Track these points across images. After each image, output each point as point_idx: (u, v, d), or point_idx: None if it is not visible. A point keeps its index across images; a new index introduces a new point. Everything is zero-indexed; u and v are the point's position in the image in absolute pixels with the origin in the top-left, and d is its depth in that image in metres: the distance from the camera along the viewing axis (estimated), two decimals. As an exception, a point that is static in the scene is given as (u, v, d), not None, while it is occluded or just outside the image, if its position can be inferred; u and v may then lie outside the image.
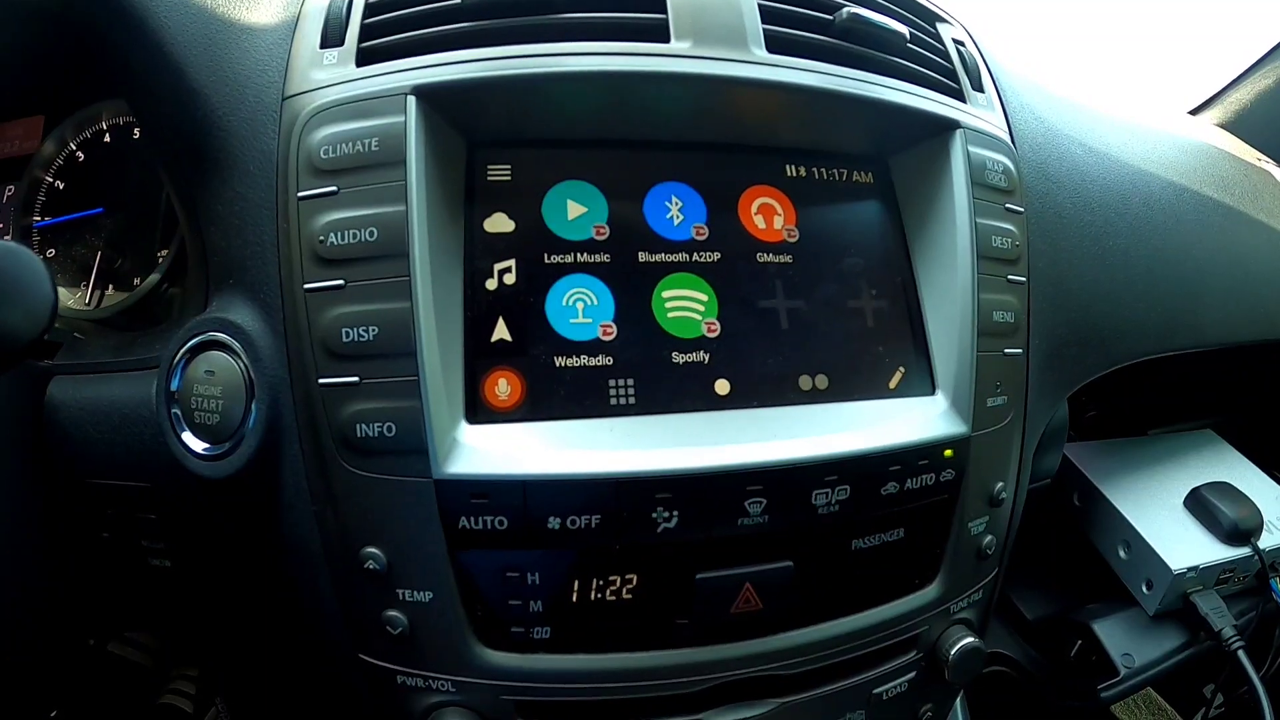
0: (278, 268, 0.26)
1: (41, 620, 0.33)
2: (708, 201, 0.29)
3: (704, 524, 0.25)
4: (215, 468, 0.26)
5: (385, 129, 0.25)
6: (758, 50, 0.29)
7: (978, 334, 0.30)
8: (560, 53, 0.27)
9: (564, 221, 0.27)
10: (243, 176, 0.27)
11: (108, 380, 0.30)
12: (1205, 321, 0.44)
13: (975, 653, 0.31)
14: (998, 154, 0.33)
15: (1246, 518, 0.43)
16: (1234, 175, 0.50)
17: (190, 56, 0.28)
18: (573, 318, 0.27)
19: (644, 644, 0.26)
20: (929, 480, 0.29)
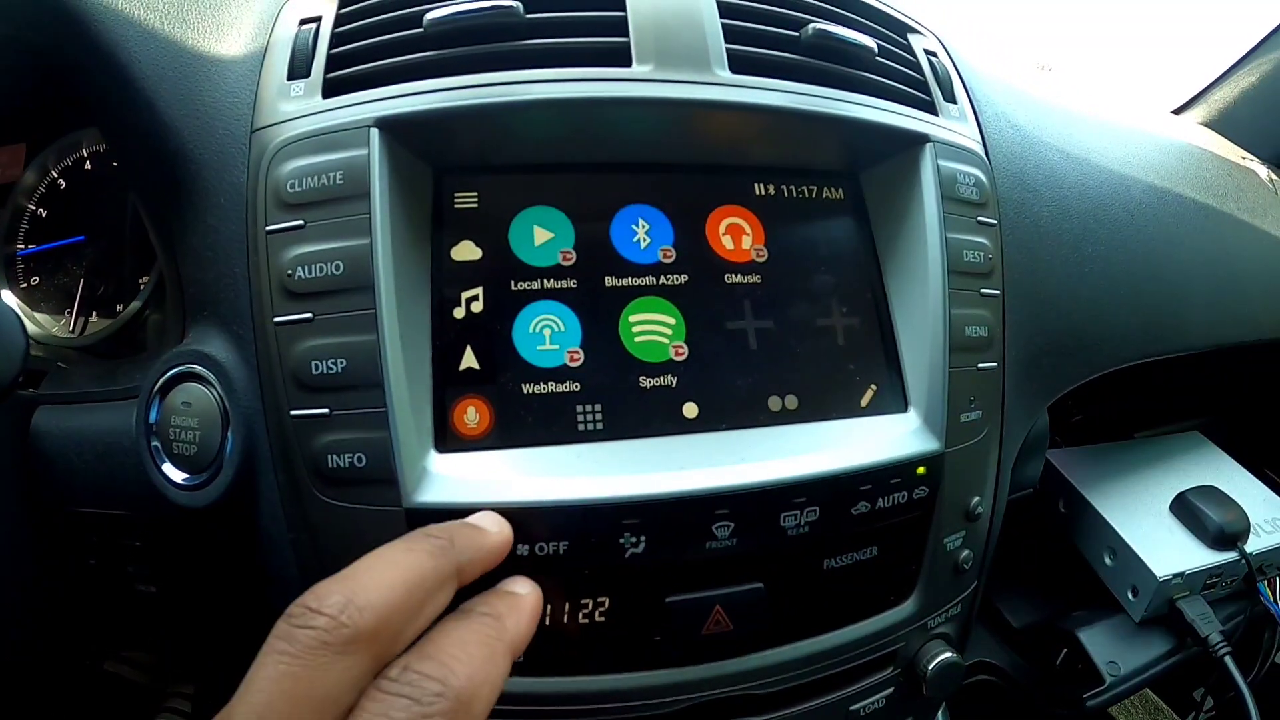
0: (249, 300, 0.26)
1: (35, 641, 0.34)
2: (675, 223, 0.29)
3: (672, 548, 0.25)
4: (194, 497, 0.26)
5: (349, 162, 0.25)
6: (721, 71, 0.29)
7: (950, 349, 0.30)
8: (523, 80, 0.27)
9: (530, 248, 0.28)
10: (214, 209, 0.27)
11: (91, 410, 0.30)
12: (1190, 324, 0.44)
13: (954, 667, 0.31)
14: (969, 166, 0.33)
15: (1233, 522, 0.43)
16: (1217, 175, 0.49)
17: (161, 89, 0.28)
18: (540, 345, 0.27)
19: (617, 666, 0.27)
20: (901, 498, 0.29)
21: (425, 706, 0.16)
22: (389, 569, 0.18)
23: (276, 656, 0.16)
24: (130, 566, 0.32)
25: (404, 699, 0.16)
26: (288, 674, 0.15)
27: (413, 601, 0.18)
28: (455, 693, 0.16)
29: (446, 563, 0.19)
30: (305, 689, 0.15)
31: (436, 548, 0.19)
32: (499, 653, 0.18)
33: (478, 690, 0.17)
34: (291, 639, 0.16)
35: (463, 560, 0.20)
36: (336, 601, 0.16)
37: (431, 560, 0.19)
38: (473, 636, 0.18)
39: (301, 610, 0.17)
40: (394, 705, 0.16)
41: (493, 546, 0.21)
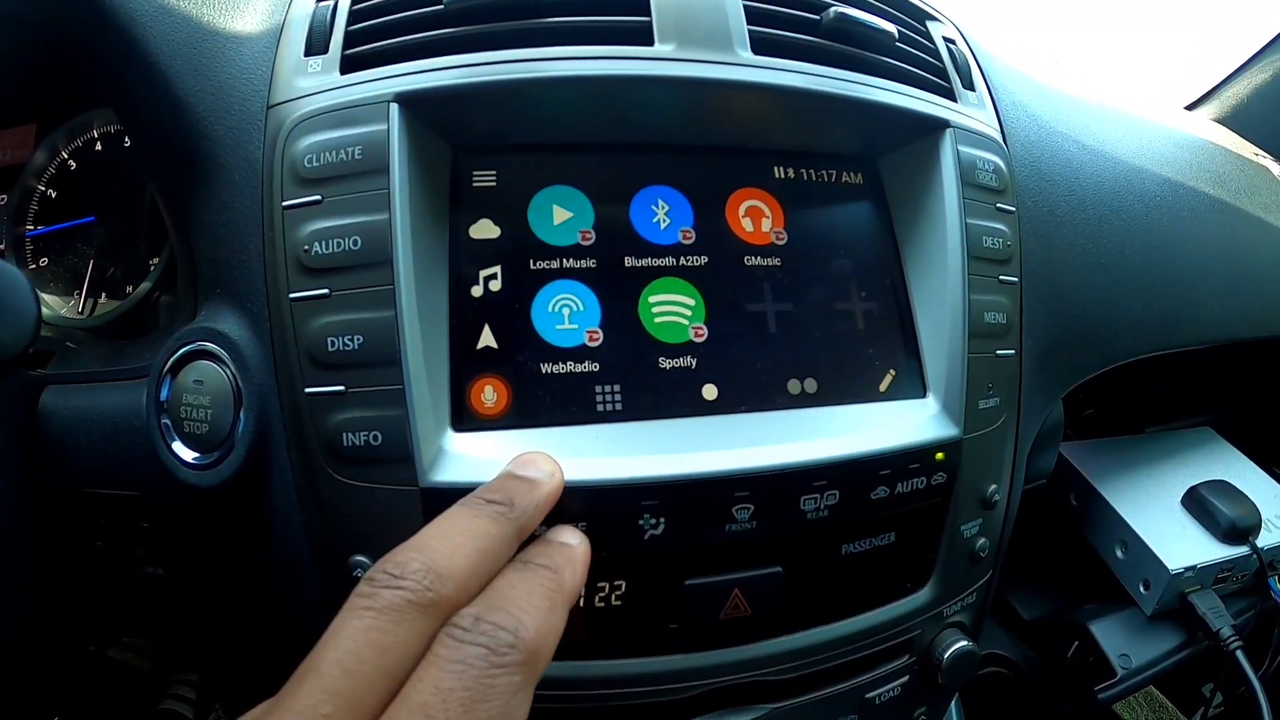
0: (264, 277, 0.26)
1: (40, 626, 0.33)
2: (695, 205, 0.29)
3: (691, 531, 0.25)
4: (205, 477, 0.26)
5: (368, 137, 0.25)
6: (743, 52, 0.28)
7: (969, 335, 0.30)
8: (543, 57, 0.27)
9: (550, 227, 0.27)
10: (229, 185, 0.27)
11: (100, 389, 0.30)
12: (1202, 318, 0.44)
13: (969, 656, 0.31)
14: (988, 153, 0.33)
15: (1244, 516, 0.43)
16: (1231, 171, 0.49)
17: (175, 65, 0.28)
18: (559, 324, 0.26)
19: (634, 650, 0.26)
20: (920, 484, 0.28)
21: (500, 656, 0.16)
22: (461, 537, 0.19)
23: (361, 612, 0.17)
24: (137, 548, 0.32)
25: (479, 648, 0.16)
26: (373, 626, 0.16)
27: (484, 566, 0.19)
28: (525, 644, 0.17)
29: (511, 527, 0.20)
30: (389, 640, 0.16)
31: (499, 513, 0.20)
32: (559, 604, 0.19)
33: (544, 641, 0.18)
34: (376, 598, 0.17)
35: (523, 520, 0.21)
36: (418, 569, 0.17)
37: (498, 527, 0.20)
38: (537, 589, 0.19)
39: (385, 575, 0.17)
40: (470, 653, 0.16)
41: (548, 498, 0.22)
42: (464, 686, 0.16)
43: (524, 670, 0.17)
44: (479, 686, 0.16)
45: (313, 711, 0.15)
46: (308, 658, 0.16)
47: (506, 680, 0.16)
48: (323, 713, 0.15)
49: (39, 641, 0.34)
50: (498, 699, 0.16)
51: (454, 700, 0.15)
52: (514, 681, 0.16)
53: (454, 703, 0.15)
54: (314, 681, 0.15)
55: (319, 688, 0.15)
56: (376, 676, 0.16)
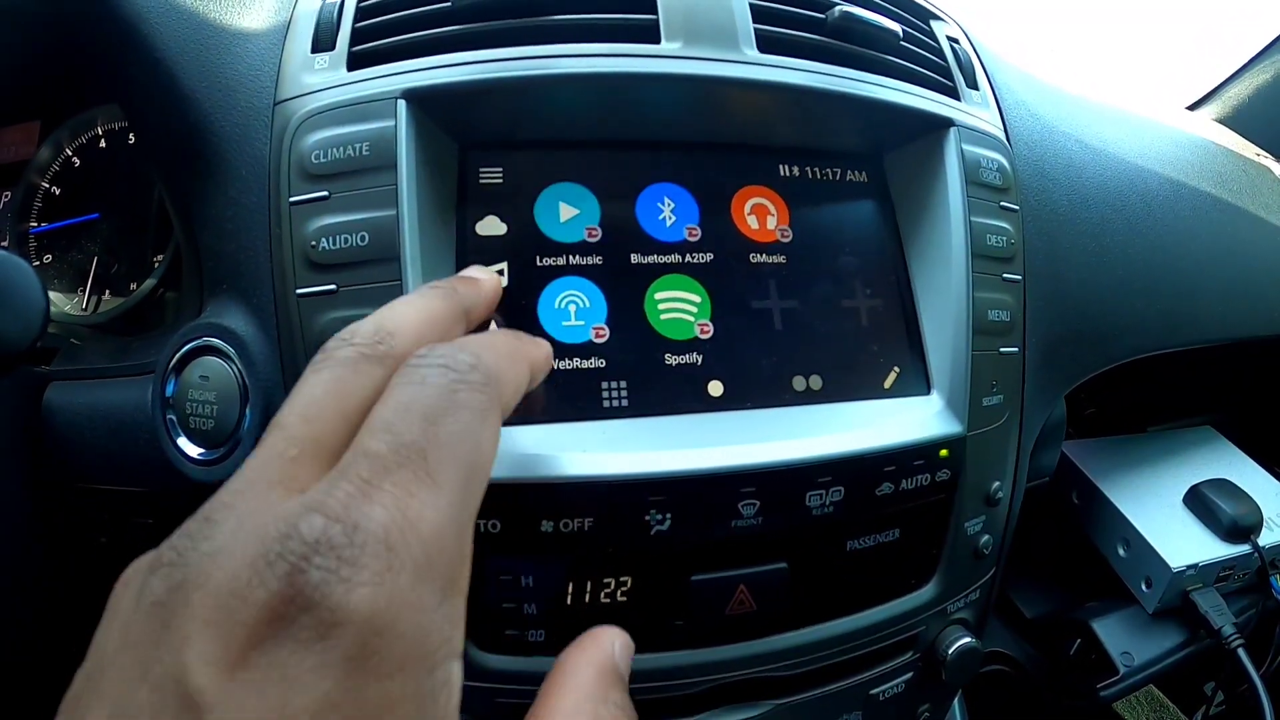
0: (270, 273, 0.26)
1: (41, 625, 0.33)
2: (700, 202, 0.29)
3: (697, 526, 0.25)
4: (210, 472, 0.26)
5: (376, 133, 0.25)
6: (749, 50, 0.29)
7: (973, 333, 0.30)
8: (551, 54, 0.27)
9: (556, 224, 0.27)
10: (235, 181, 0.27)
11: (104, 385, 0.30)
12: (1204, 317, 0.44)
13: (972, 653, 0.31)
14: (992, 151, 0.33)
15: (1246, 515, 0.43)
16: (1232, 171, 0.50)
17: (182, 62, 0.28)
18: (565, 320, 0.27)
19: (640, 646, 0.26)
20: (924, 480, 0.29)
21: (460, 374, 0.16)
22: (407, 307, 0.19)
23: (318, 368, 0.16)
24: (141, 545, 0.32)
25: (438, 368, 0.16)
26: (330, 378, 0.16)
27: (433, 331, 0.18)
28: (486, 367, 0.16)
29: (455, 304, 0.20)
30: (347, 387, 0.16)
31: (443, 293, 0.20)
32: (520, 356, 0.19)
33: (506, 373, 0.17)
34: (330, 357, 0.17)
35: (467, 304, 0.21)
36: (368, 329, 0.17)
37: (442, 302, 0.20)
38: (495, 336, 0.19)
39: (337, 340, 0.17)
40: (430, 374, 0.15)
41: (489, 293, 0.22)
42: (424, 400, 0.15)
43: (486, 391, 0.16)
44: (440, 400, 0.15)
45: (278, 458, 0.14)
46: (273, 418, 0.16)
47: (469, 395, 0.15)
48: (289, 456, 0.14)
49: (40, 640, 0.34)
50: (462, 413, 0.15)
51: (415, 412, 0.14)
52: (477, 399, 0.15)
53: (415, 414, 0.14)
54: (276, 433, 0.15)
55: (281, 436, 0.15)
56: (336, 420, 0.15)
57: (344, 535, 0.12)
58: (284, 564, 0.12)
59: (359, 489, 0.13)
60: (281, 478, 0.14)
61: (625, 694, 0.17)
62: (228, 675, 0.11)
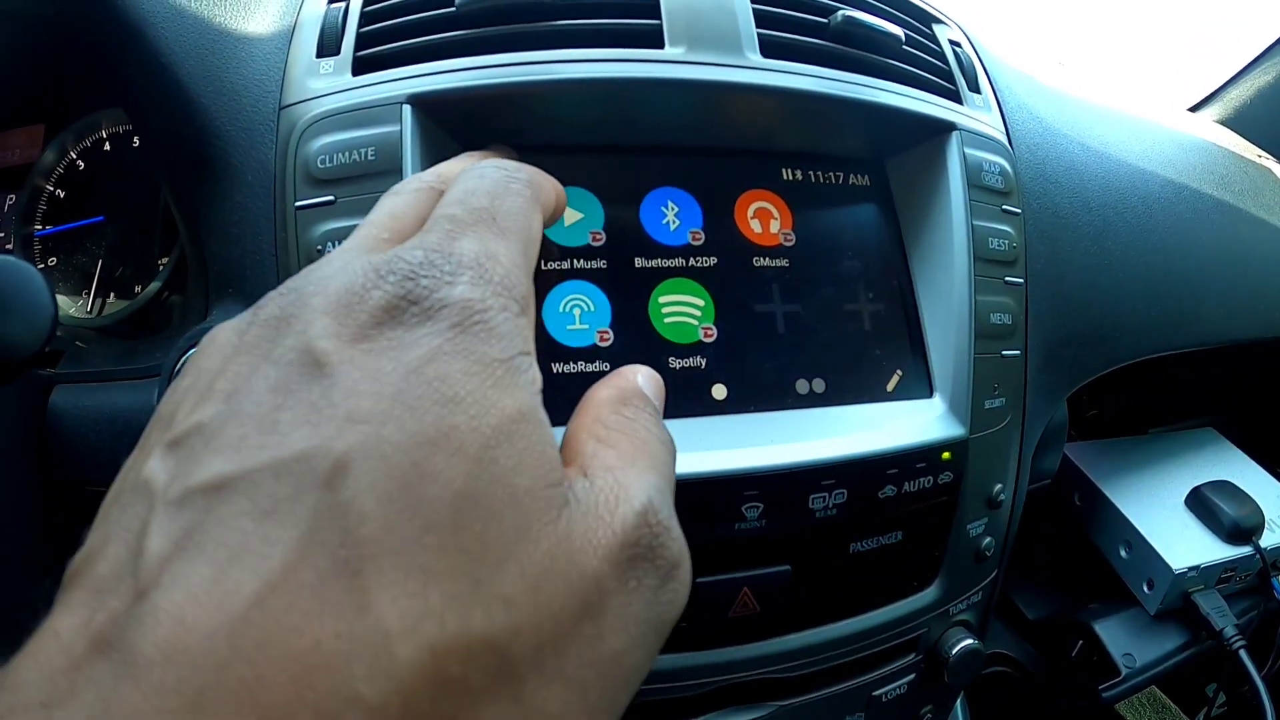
0: (276, 277, 0.26)
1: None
2: (704, 206, 0.29)
3: (701, 529, 0.25)
4: (216, 475, 0.26)
5: (381, 138, 0.25)
6: (752, 55, 0.29)
7: (975, 336, 0.30)
8: (555, 60, 0.27)
9: (560, 228, 0.28)
10: (241, 186, 0.27)
11: (110, 388, 0.30)
12: (1206, 319, 0.44)
13: (975, 654, 0.31)
14: (994, 155, 0.33)
15: (1247, 516, 0.43)
16: (1234, 172, 0.50)
17: (187, 66, 0.28)
18: (570, 324, 0.27)
19: (643, 648, 0.26)
20: (927, 483, 0.29)
21: (509, 173, 0.18)
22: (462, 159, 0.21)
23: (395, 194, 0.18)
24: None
25: (492, 168, 0.18)
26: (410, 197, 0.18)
27: None
28: (530, 174, 0.18)
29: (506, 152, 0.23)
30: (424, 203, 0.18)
31: None
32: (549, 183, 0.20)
33: (543, 184, 0.19)
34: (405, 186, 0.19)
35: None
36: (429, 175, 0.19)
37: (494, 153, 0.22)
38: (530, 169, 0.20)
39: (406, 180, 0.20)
40: (487, 169, 0.18)
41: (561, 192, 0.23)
42: (486, 184, 0.17)
43: (532, 188, 0.18)
44: (498, 186, 0.17)
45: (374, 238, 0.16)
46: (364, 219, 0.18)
47: (519, 188, 0.18)
48: (383, 237, 0.16)
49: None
50: (515, 198, 0.17)
51: (482, 191, 0.17)
52: (525, 192, 0.18)
53: (482, 192, 0.17)
54: (367, 227, 0.17)
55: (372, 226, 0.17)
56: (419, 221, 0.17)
57: (441, 258, 0.14)
58: (395, 275, 0.14)
59: (447, 234, 0.15)
60: (376, 246, 0.16)
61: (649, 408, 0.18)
62: (350, 345, 0.13)
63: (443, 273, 0.14)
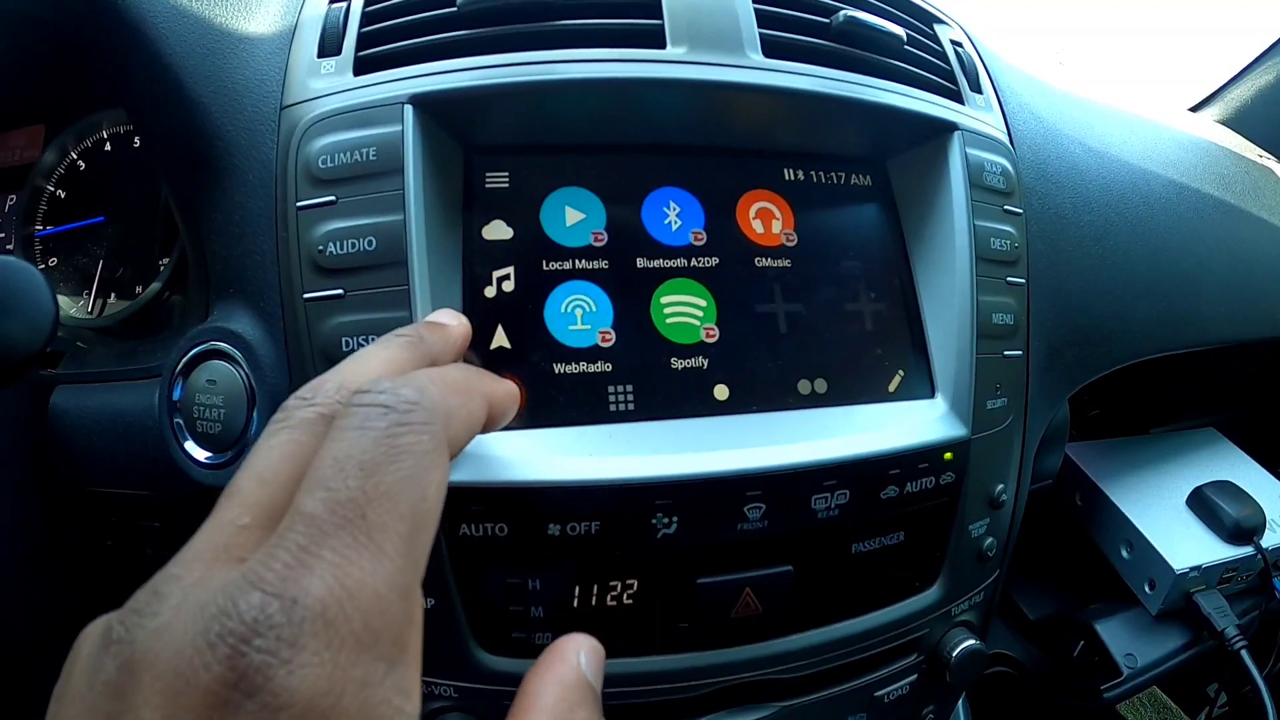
0: (278, 277, 0.26)
1: (49, 625, 0.33)
2: (705, 206, 0.29)
3: (704, 529, 0.25)
4: (218, 476, 0.26)
5: (383, 138, 0.25)
6: (754, 55, 0.29)
7: (977, 336, 0.30)
8: (557, 60, 0.27)
9: (562, 228, 0.27)
10: (242, 186, 0.27)
11: (110, 389, 0.30)
12: (1207, 320, 0.44)
13: (977, 655, 0.31)
14: (996, 155, 0.33)
15: (1249, 516, 0.43)
16: (1235, 172, 0.50)
17: (188, 66, 0.28)
18: (571, 324, 0.27)
19: (646, 649, 0.26)
20: (929, 483, 0.29)
21: (402, 414, 0.15)
22: (371, 360, 0.19)
23: (277, 430, 0.16)
24: (149, 548, 0.32)
25: (379, 408, 0.15)
26: (288, 440, 0.16)
27: None
28: (431, 402, 0.15)
29: (420, 354, 0.20)
30: (303, 450, 0.15)
31: (409, 342, 0.20)
32: (475, 390, 0.18)
33: (456, 409, 0.16)
34: (291, 417, 0.16)
35: (434, 352, 0.20)
36: (330, 387, 0.17)
37: (407, 352, 0.19)
38: (447, 371, 0.18)
39: (298, 399, 0.17)
40: (370, 415, 0.15)
41: (457, 339, 0.22)
42: (362, 450, 0.14)
43: (431, 430, 0.15)
44: (379, 448, 0.14)
45: (230, 525, 0.14)
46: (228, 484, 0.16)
47: (412, 439, 0.14)
48: (240, 524, 0.14)
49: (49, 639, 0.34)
50: (403, 461, 0.14)
51: (353, 466, 0.14)
52: (420, 441, 0.15)
53: (353, 469, 0.14)
54: (230, 499, 0.15)
55: (235, 502, 0.15)
56: (290, 484, 0.15)
57: (282, 613, 0.12)
58: (224, 646, 0.12)
59: (296, 558, 0.13)
60: (228, 545, 0.14)
61: (595, 708, 0.17)
62: None
63: (281, 641, 0.12)
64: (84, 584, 0.34)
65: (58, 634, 0.34)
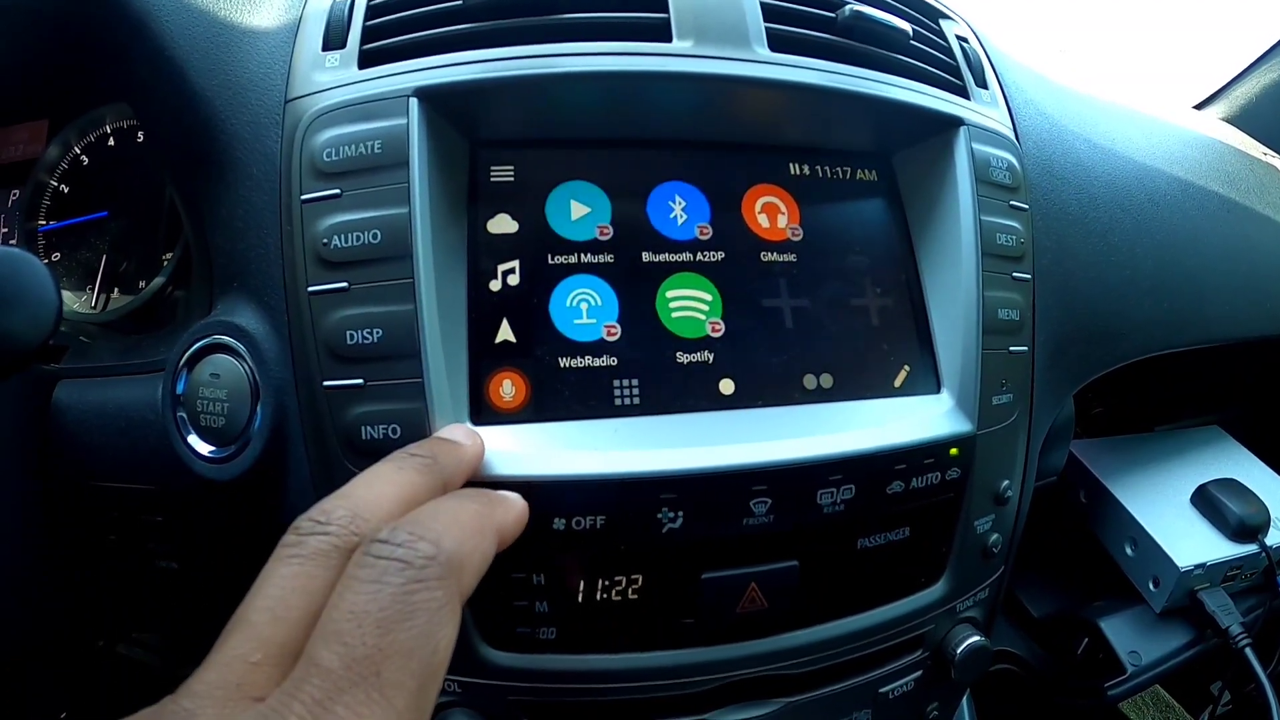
0: (281, 271, 0.26)
1: (49, 622, 0.33)
2: (711, 201, 0.29)
3: (709, 524, 0.25)
4: (221, 470, 0.26)
5: (388, 131, 0.25)
6: (760, 49, 0.29)
7: (983, 332, 0.30)
8: (562, 53, 0.27)
9: (567, 222, 0.27)
10: (246, 180, 0.27)
11: (113, 383, 0.30)
12: (1211, 317, 0.44)
13: (982, 651, 0.31)
14: (1002, 151, 0.33)
15: (1253, 514, 0.43)
16: (1240, 170, 0.49)
17: (192, 60, 0.28)
18: (577, 318, 0.27)
19: (650, 644, 0.26)
20: (934, 479, 0.29)
21: (418, 570, 0.15)
22: (385, 485, 0.19)
23: (289, 559, 0.16)
24: (151, 542, 0.32)
25: (397, 562, 0.15)
26: (300, 572, 0.16)
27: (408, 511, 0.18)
28: (447, 554, 0.16)
29: (434, 478, 0.20)
30: (316, 584, 0.16)
31: (423, 465, 0.20)
32: (487, 528, 0.19)
33: (468, 556, 0.17)
34: (302, 545, 0.17)
35: (447, 474, 0.21)
36: (343, 516, 0.17)
37: (421, 476, 0.20)
38: (461, 510, 0.18)
39: (310, 523, 0.17)
40: (387, 570, 0.15)
41: (471, 459, 0.22)
42: (380, 607, 0.15)
43: (445, 586, 0.16)
44: (396, 606, 0.15)
45: (242, 661, 0.14)
46: (238, 608, 0.16)
47: (426, 596, 0.15)
48: (252, 661, 0.14)
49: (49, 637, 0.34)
50: (418, 618, 0.15)
51: (370, 623, 0.14)
52: (435, 598, 0.15)
53: (370, 625, 0.14)
54: (244, 630, 0.15)
55: (248, 636, 0.15)
56: (304, 620, 0.15)
57: None
58: None
59: (311, 713, 0.13)
60: (241, 684, 0.14)
61: None
62: None
63: None
64: (83, 584, 0.34)
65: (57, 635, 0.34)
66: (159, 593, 0.36)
